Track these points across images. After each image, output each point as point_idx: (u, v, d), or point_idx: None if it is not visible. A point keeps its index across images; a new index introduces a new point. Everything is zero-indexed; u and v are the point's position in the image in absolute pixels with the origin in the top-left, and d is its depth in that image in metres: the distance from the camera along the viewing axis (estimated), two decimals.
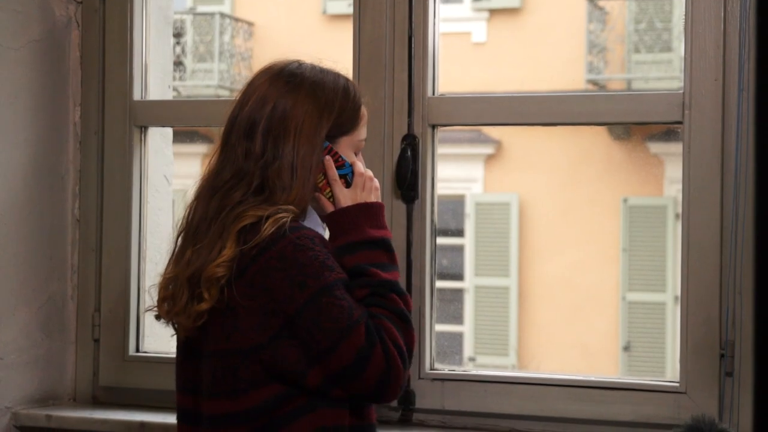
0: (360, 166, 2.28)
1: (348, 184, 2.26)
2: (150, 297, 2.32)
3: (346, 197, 2.25)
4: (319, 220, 2.27)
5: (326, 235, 2.27)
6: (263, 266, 2.12)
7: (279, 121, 2.21)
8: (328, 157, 2.24)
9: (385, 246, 2.23)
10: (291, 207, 2.17)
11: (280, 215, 2.15)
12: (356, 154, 2.30)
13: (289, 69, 2.27)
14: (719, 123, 2.59)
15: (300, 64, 2.28)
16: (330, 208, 2.25)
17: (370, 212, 2.24)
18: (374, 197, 2.27)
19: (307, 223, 2.21)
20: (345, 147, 2.27)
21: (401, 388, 2.16)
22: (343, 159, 2.26)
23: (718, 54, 2.60)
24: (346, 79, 2.30)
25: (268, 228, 2.13)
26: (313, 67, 2.28)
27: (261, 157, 2.20)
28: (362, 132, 2.30)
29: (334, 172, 2.25)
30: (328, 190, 2.26)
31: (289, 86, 2.23)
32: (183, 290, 2.19)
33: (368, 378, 2.12)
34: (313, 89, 2.24)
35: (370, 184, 2.27)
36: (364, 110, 2.30)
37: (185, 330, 2.22)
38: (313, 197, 2.25)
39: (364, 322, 2.12)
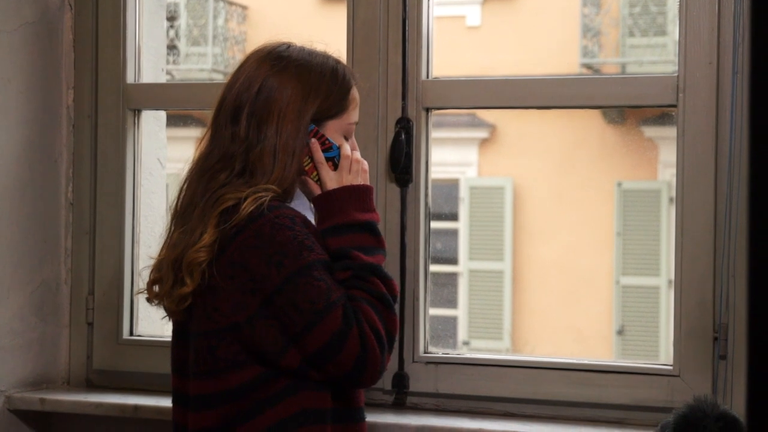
0: (347, 148, 2.25)
1: (335, 167, 2.24)
2: (142, 280, 2.31)
3: (332, 180, 2.23)
4: (307, 203, 2.26)
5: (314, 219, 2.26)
6: (241, 244, 2.11)
7: (263, 104, 2.19)
8: (314, 140, 2.22)
9: (370, 229, 2.20)
10: (272, 186, 2.16)
11: (260, 194, 2.13)
12: (347, 138, 2.27)
13: (276, 51, 2.25)
14: (713, 106, 2.59)
15: (288, 47, 2.26)
16: (317, 191, 2.24)
17: (356, 195, 2.22)
18: (362, 179, 2.25)
19: (294, 206, 2.19)
20: (333, 130, 2.24)
21: (379, 372, 2.13)
22: (330, 141, 2.23)
23: (712, 37, 2.60)
24: (336, 62, 2.27)
25: (247, 207, 2.12)
26: (302, 50, 2.26)
27: (245, 140, 2.18)
28: (352, 115, 2.27)
29: (320, 155, 2.22)
30: (314, 173, 2.24)
31: (274, 69, 2.22)
32: (169, 273, 2.19)
33: (343, 361, 2.09)
34: (298, 72, 2.22)
35: (357, 167, 2.25)
36: (354, 93, 2.27)
37: (171, 313, 2.22)
38: (300, 180, 2.24)
39: (341, 304, 2.10)
